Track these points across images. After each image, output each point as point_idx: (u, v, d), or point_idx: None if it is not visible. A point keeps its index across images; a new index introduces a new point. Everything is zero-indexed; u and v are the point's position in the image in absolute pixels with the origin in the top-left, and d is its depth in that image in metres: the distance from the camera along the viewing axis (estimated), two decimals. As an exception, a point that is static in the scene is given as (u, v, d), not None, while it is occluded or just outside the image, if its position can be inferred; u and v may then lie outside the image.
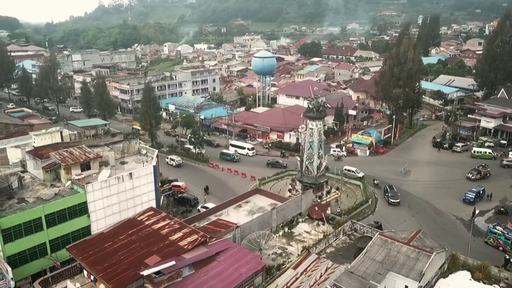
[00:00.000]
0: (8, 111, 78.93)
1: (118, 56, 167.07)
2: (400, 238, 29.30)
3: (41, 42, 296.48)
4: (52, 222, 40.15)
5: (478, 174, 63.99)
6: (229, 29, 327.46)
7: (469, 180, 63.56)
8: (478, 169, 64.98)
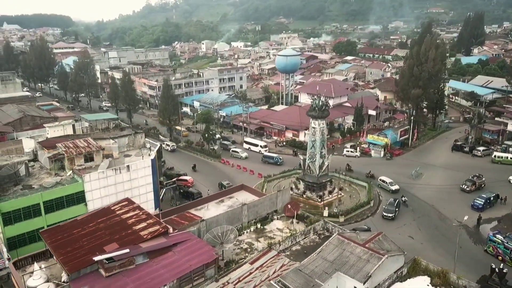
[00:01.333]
0: (39, 104, 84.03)
1: (152, 53, 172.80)
2: (359, 239, 29.12)
3: (89, 40, 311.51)
4: (50, 208, 42.85)
5: (473, 185, 60.33)
6: (268, 27, 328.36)
7: (464, 192, 60.06)
8: (472, 179, 61.31)
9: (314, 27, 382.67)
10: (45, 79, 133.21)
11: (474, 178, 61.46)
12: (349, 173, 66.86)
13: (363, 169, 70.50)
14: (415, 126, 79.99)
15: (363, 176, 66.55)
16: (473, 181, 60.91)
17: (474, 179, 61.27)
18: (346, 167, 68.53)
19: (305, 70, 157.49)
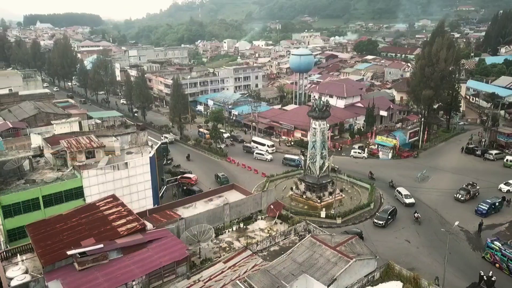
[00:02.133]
0: (55, 101, 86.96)
1: (171, 52, 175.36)
2: (332, 242, 29.06)
3: (115, 38, 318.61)
4: (49, 202, 44.64)
5: (468, 194, 57.29)
6: (291, 26, 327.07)
7: (458, 202, 57.33)
8: (467, 188, 58.22)
9: (338, 26, 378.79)
10: (68, 76, 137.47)
11: (468, 187, 58.55)
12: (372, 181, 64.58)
13: (368, 170, 69.70)
14: (426, 128, 78.25)
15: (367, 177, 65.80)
16: (467, 189, 57.94)
17: (469, 188, 58.32)
18: (368, 175, 65.69)
19: (323, 70, 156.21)
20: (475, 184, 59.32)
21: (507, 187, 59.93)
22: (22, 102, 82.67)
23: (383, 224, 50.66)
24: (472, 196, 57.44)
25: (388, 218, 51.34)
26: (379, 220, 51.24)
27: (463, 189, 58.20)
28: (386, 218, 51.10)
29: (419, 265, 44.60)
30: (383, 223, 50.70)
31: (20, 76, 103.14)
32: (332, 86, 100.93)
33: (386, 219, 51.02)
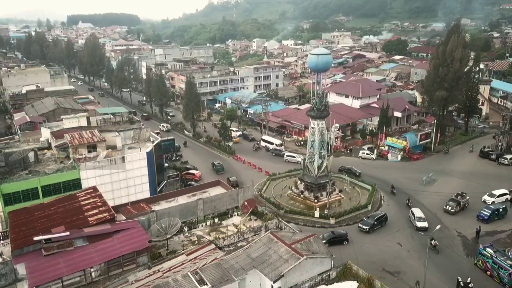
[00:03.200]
0: (76, 97, 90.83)
1: (196, 51, 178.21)
2: (290, 239, 29.25)
3: (150, 38, 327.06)
4: (47, 192, 47.01)
5: (458, 205, 53.76)
6: (323, 25, 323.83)
7: (449, 214, 53.71)
8: (456, 199, 54.61)
9: (373, 25, 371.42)
10: (96, 74, 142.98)
11: (458, 198, 55.06)
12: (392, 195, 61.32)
13: (375, 172, 68.72)
14: (439, 130, 75.97)
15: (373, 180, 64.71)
16: (457, 201, 54.44)
17: (458, 199, 54.84)
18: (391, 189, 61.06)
19: (348, 69, 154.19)
20: (465, 194, 55.79)
21: (491, 198, 55.97)
22: (45, 98, 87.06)
23: (367, 229, 49.42)
24: (462, 208, 54.18)
25: (374, 224, 49.79)
26: (363, 225, 50.05)
27: (453, 200, 54.81)
28: (372, 224, 49.69)
29: (406, 268, 43.78)
30: (368, 228, 49.44)
31: (47, 73, 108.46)
32: (348, 86, 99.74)
33: (372, 225, 49.59)
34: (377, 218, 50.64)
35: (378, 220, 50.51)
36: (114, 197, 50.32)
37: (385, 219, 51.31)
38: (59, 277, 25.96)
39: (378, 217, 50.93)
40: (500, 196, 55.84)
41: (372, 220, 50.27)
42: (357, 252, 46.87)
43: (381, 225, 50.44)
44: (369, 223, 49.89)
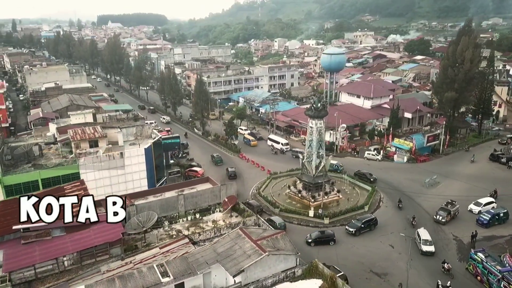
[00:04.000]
0: (91, 95, 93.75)
1: (215, 50, 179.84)
2: (260, 235, 29.57)
3: (175, 37, 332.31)
4: (47, 185, 48.89)
5: (448, 214, 51.00)
6: (347, 24, 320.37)
7: (439, 224, 50.86)
8: (447, 208, 51.85)
9: (399, 25, 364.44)
10: (116, 72, 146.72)
11: (448, 206, 52.35)
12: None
13: (378, 173, 67.78)
14: (448, 132, 74.25)
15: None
16: (448, 210, 51.55)
17: (448, 207, 52.03)
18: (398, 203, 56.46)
19: (367, 70, 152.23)
20: (455, 202, 53.34)
21: (478, 207, 53.35)
22: (60, 95, 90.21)
23: (353, 232, 48.71)
24: (452, 217, 51.86)
25: (362, 227, 48.94)
26: (350, 227, 49.27)
27: (443, 209, 51.96)
28: (359, 227, 48.87)
29: (394, 270, 43.23)
30: (354, 231, 48.71)
31: (67, 71, 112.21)
32: (359, 86, 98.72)
33: (359, 228, 48.75)
34: (365, 221, 49.73)
35: (366, 223, 49.58)
36: (113, 191, 51.68)
37: (375, 222, 50.23)
38: (32, 264, 27.19)
39: (367, 220, 50.03)
40: (487, 204, 53.26)
41: (359, 223, 49.51)
42: (346, 253, 46.60)
43: (370, 228, 49.28)
44: (356, 225, 49.14)
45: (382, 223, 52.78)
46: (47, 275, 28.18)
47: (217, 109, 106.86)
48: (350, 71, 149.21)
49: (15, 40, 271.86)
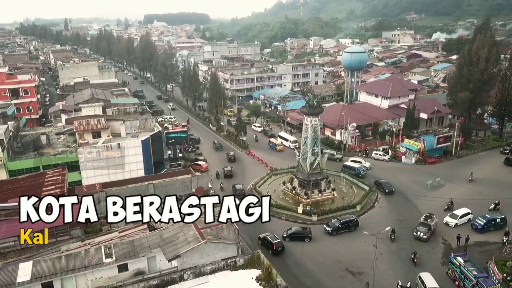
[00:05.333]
0: (113, 89, 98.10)
1: (244, 48, 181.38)
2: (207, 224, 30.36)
3: (214, 36, 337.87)
4: (48, 172, 52.32)
5: (429, 230, 46.73)
6: (388, 23, 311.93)
7: (420, 241, 46.55)
8: (426, 223, 47.36)
9: (446, 24, 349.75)
10: (147, 69, 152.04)
11: (428, 221, 47.75)
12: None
13: (382, 173, 66.39)
14: (461, 133, 71.31)
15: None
16: (428, 225, 47.10)
17: (428, 222, 47.53)
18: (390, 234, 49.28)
19: (397, 69, 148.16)
20: (433, 215, 48.97)
21: (454, 220, 49.71)
22: (85, 90, 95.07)
23: (330, 231, 48.37)
24: (433, 232, 47.64)
25: (339, 227, 48.38)
26: (328, 226, 49.01)
27: (423, 224, 47.43)
28: (337, 227, 48.41)
29: (370, 270, 42.45)
30: (330, 230, 48.36)
31: (97, 67, 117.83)
32: (378, 85, 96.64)
33: (336, 228, 48.30)
34: (344, 222, 49.14)
35: (345, 224, 48.88)
36: (110, 179, 54.32)
37: (355, 224, 49.32)
38: (-5, 239, 29.56)
39: (346, 221, 49.38)
40: (463, 216, 49.97)
41: (338, 222, 49.03)
42: (328, 251, 46.47)
43: (349, 229, 48.29)
44: (334, 225, 48.74)
45: (372, 223, 51.97)
46: (8, 251, 30.50)
47: (236, 106, 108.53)
48: (381, 70, 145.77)
49: (64, 38, 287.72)
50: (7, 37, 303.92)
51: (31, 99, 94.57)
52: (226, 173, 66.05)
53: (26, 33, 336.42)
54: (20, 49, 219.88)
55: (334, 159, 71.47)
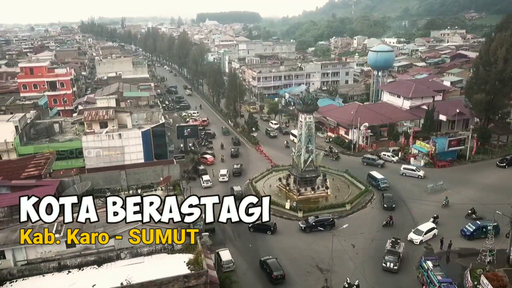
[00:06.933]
0: (140, 84, 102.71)
1: (279, 46, 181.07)
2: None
3: (261, 34, 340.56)
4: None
5: (398, 258, 41.36)
6: (440, 22, 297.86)
7: (390, 272, 41.20)
8: (395, 250, 42.08)
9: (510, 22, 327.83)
10: (184, 65, 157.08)
11: (396, 247, 42.52)
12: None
13: (386, 175, 64.72)
14: (476, 137, 67.83)
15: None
16: (397, 253, 41.76)
17: (396, 249, 42.35)
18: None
19: (435, 70, 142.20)
20: (399, 240, 44.27)
21: (419, 236, 46.04)
22: (113, 84, 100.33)
23: (303, 228, 48.43)
24: (402, 259, 42.24)
25: (313, 225, 48.13)
26: (301, 223, 49.24)
27: (391, 252, 41.95)
28: (310, 225, 48.32)
29: (341, 269, 42.31)
30: (303, 227, 48.46)
31: (131, 62, 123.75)
32: (401, 85, 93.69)
33: (310, 226, 48.27)
34: (318, 220, 48.98)
35: (320, 223, 48.54)
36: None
37: (330, 223, 48.83)
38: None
39: (321, 219, 49.22)
40: (428, 232, 46.66)
41: (312, 221, 48.99)
42: (303, 246, 46.65)
43: (324, 228, 47.43)
44: (307, 223, 48.85)
45: (358, 223, 51.46)
46: (-18, 222, 33.96)
47: (258, 103, 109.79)
48: (420, 70, 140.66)
49: (117, 36, 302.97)
50: (68, 35, 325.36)
51: (66, 91, 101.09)
52: (233, 153, 74.77)
53: (85, 31, 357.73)
54: (78, 45, 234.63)
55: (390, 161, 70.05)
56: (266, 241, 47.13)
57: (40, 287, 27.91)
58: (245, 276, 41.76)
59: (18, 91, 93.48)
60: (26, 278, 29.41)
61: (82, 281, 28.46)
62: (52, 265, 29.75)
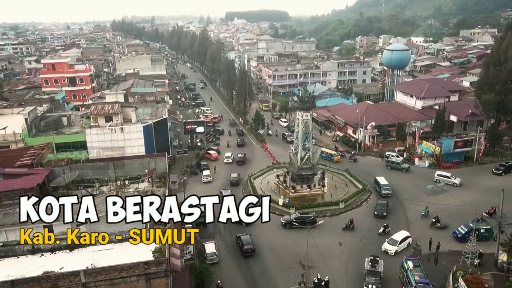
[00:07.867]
0: (155, 79, 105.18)
1: (299, 45, 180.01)
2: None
3: (287, 33, 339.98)
4: (59, 148, 58.89)
5: (379, 279, 38.28)
6: (471, 21, 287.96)
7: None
8: (376, 270, 38.91)
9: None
10: (203, 62, 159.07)
11: (376, 267, 39.24)
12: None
13: (387, 175, 63.84)
14: (484, 138, 65.81)
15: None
16: (378, 273, 38.62)
17: (377, 268, 39.07)
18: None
19: (458, 70, 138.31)
20: (377, 258, 40.76)
21: (394, 247, 43.79)
22: (130, 80, 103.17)
23: (284, 223, 48.88)
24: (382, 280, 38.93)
25: (293, 221, 48.57)
26: (283, 220, 49.79)
27: (372, 273, 38.74)
28: (291, 221, 48.75)
29: (324, 266, 42.15)
30: (284, 223, 48.97)
31: (149, 60, 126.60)
32: (414, 85, 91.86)
33: (290, 222, 48.83)
34: (298, 218, 49.34)
35: (301, 220, 48.76)
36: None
37: (311, 221, 48.29)
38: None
39: (301, 217, 49.48)
40: (403, 241, 44.63)
41: (293, 218, 49.48)
42: (289, 242, 46.86)
43: (305, 225, 46.55)
44: (288, 221, 49.33)
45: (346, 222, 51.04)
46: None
47: (271, 101, 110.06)
48: (443, 71, 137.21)
49: (145, 34, 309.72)
50: (99, 33, 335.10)
51: (84, 87, 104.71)
52: (239, 143, 79.54)
53: (116, 29, 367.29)
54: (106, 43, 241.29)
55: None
56: (253, 236, 47.50)
57: (12, 268, 29.44)
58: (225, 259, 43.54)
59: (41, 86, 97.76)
60: (1, 259, 31.14)
61: (52, 264, 29.87)
62: (27, 247, 31.36)
